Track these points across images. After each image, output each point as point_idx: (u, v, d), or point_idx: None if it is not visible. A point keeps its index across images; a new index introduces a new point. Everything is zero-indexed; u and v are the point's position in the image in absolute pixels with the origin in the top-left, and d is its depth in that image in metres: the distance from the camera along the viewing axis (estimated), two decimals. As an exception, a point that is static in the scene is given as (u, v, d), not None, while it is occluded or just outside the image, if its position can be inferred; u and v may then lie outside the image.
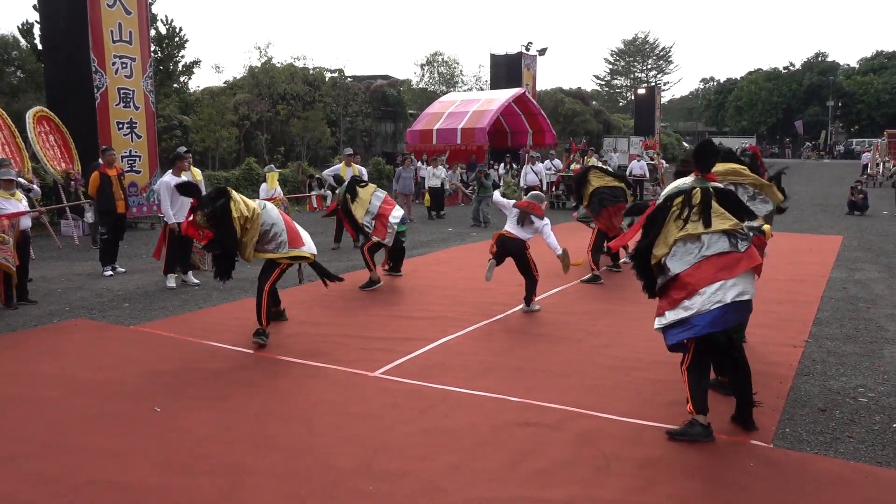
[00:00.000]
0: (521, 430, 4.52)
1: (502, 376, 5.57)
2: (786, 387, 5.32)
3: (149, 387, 5.31)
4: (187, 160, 9.34)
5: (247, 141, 27.53)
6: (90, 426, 4.57)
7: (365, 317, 7.48)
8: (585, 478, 3.88)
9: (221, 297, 8.49)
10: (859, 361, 5.98)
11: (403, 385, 5.38)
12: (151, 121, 15.47)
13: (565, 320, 7.38)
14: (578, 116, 41.76)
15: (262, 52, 34.09)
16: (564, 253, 8.05)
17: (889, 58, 66.17)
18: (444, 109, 24.90)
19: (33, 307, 7.94)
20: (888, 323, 7.26)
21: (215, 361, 5.96)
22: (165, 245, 9.10)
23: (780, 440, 4.40)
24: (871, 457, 4.18)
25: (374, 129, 32.78)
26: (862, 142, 51.58)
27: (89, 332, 6.95)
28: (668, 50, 74.86)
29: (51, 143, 13.46)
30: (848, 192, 19.12)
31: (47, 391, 5.21)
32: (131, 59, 14.80)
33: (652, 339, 6.66)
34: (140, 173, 15.00)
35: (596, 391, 5.25)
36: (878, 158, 31.37)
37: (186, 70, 24.73)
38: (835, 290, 8.90)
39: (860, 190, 19.06)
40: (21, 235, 8.09)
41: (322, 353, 6.21)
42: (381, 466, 4.00)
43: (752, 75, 68.13)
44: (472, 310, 7.80)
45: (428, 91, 41.39)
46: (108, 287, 9.06)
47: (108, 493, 3.68)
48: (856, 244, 13.11)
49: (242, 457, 4.12)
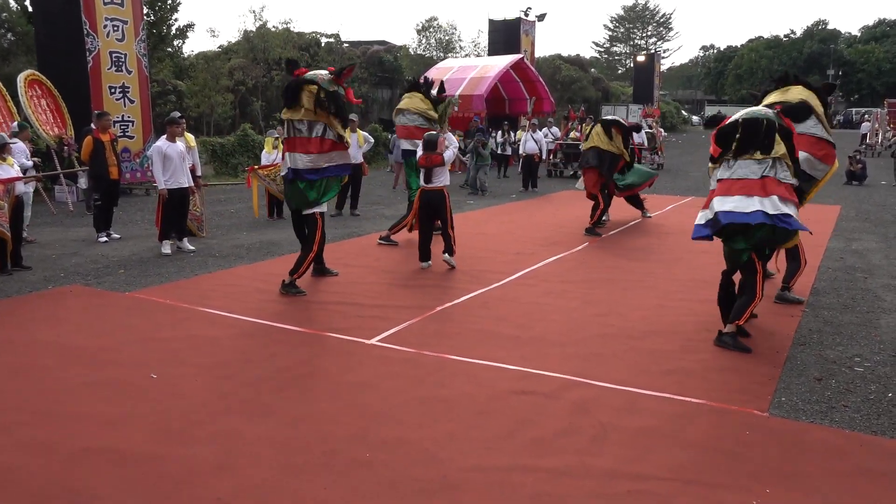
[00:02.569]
0: (517, 399, 4.52)
1: (499, 345, 5.56)
2: (782, 356, 5.33)
3: (144, 354, 5.29)
4: (181, 125, 9.20)
5: (242, 107, 27.23)
6: (85, 393, 4.55)
7: (360, 285, 7.45)
8: (582, 447, 3.89)
9: (217, 264, 8.45)
10: (856, 331, 5.99)
11: (400, 353, 5.37)
12: (145, 85, 15.25)
13: (562, 289, 7.36)
14: (577, 84, 41.38)
15: (257, 15, 33.55)
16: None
17: (891, 26, 65.52)
18: (441, 76, 24.55)
19: (28, 273, 7.90)
20: (885, 293, 7.26)
21: (211, 328, 5.94)
22: (160, 211, 9.02)
23: (776, 409, 4.41)
24: (867, 426, 4.19)
25: (371, 95, 32.41)
26: (861, 111, 51.29)
27: (84, 298, 6.92)
28: (669, 16, 74.26)
29: (43, 107, 13.27)
30: (847, 162, 19.04)
31: (42, 358, 5.19)
32: (123, 21, 14.54)
33: (649, 308, 6.67)
34: (133, 139, 14.84)
35: (593, 360, 5.25)
36: (877, 128, 31.18)
37: (180, 34, 24.34)
38: (832, 260, 8.89)
39: (859, 160, 18.96)
40: (16, 200, 8.01)
41: (317, 321, 6.19)
42: (377, 435, 4.00)
43: (753, 43, 67.53)
44: (468, 278, 7.77)
45: (425, 57, 40.88)
46: (103, 253, 9.01)
47: (103, 460, 3.68)
48: (854, 214, 13.09)
49: (238, 424, 4.11)
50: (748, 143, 5.31)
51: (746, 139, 5.32)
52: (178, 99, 23.34)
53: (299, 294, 7.00)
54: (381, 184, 17.62)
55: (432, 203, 7.98)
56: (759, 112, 5.45)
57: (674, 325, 6.10)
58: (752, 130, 5.31)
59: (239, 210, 13.22)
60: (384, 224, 11.28)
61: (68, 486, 3.43)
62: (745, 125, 5.35)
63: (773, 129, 5.31)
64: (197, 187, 9.85)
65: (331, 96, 6.70)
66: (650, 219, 12.29)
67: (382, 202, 14.69)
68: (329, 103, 6.69)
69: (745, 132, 5.32)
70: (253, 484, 3.47)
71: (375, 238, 10.07)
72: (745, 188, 5.30)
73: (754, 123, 5.32)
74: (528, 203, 14.77)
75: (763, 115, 5.39)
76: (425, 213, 8.07)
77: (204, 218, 10.36)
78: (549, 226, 11.42)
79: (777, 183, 5.28)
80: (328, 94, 6.68)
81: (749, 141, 5.31)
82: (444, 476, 3.55)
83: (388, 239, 9.78)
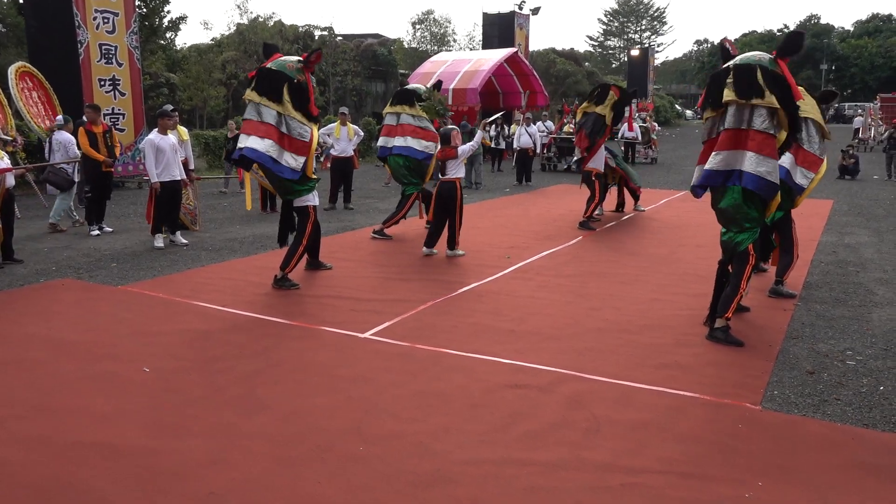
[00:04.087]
0: (512, 393, 4.52)
1: (493, 338, 5.57)
2: (775, 350, 5.35)
3: (137, 348, 5.27)
4: (173, 118, 9.15)
5: (235, 100, 27.11)
6: (78, 387, 4.54)
7: (354, 278, 7.44)
8: (576, 440, 3.90)
9: (210, 258, 8.42)
10: (848, 325, 6.02)
11: (394, 347, 5.37)
12: (137, 78, 15.15)
13: (556, 283, 7.37)
14: (571, 77, 41.36)
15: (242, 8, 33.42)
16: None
17: (884, 21, 65.68)
18: (435, 69, 24.54)
19: (19, 266, 7.85)
20: (877, 287, 7.30)
21: (204, 322, 5.92)
22: (152, 205, 8.98)
23: (769, 402, 4.42)
24: (858, 419, 4.21)
25: (365, 88, 32.34)
26: (854, 106, 51.48)
27: (77, 292, 6.88)
28: (663, 11, 74.48)
29: (34, 99, 13.19)
30: (839, 157, 19.10)
31: (34, 352, 5.17)
32: (114, 13, 14.44)
33: (643, 302, 6.68)
34: (124, 131, 14.75)
35: (587, 353, 5.26)
36: (870, 123, 31.30)
37: (172, 26, 24.23)
38: (825, 254, 8.93)
39: (851, 154, 19.03)
40: (6, 193, 7.96)
41: (311, 315, 6.18)
42: (371, 429, 3.99)
43: (747, 38, 67.63)
44: (462, 272, 7.77)
45: (419, 50, 40.80)
46: (95, 247, 8.96)
47: (97, 454, 3.67)
48: (846, 208, 13.14)
49: (232, 419, 4.10)
50: (739, 89, 5.15)
51: (738, 84, 5.16)
52: (171, 92, 23.24)
53: (293, 288, 6.98)
54: (375, 178, 17.60)
55: (444, 193, 8.32)
56: (751, 58, 5.28)
57: (668, 319, 6.12)
58: (744, 75, 5.15)
59: (232, 203, 13.18)
60: (378, 218, 11.27)
61: (62, 480, 3.41)
62: (736, 70, 5.20)
63: (766, 75, 5.11)
64: (190, 181, 9.81)
65: (294, 89, 6.57)
66: (644, 213, 12.32)
67: (376, 196, 14.67)
68: (293, 97, 6.57)
69: (737, 77, 5.17)
70: (247, 478, 3.46)
71: (369, 232, 10.05)
72: (727, 141, 5.24)
73: (746, 69, 5.17)
74: (522, 197, 14.76)
75: (756, 60, 5.22)
76: (439, 203, 8.42)
77: (198, 212, 10.32)
78: (544, 220, 11.43)
79: (756, 134, 5.18)
80: (292, 87, 6.56)
81: (739, 86, 5.15)
82: (439, 469, 3.55)
83: (382, 233, 9.77)
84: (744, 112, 5.21)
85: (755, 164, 5.17)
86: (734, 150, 5.26)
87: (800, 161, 6.46)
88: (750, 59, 5.26)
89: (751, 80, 5.13)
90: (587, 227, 10.56)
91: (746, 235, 5.43)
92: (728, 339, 5.45)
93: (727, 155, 5.27)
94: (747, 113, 5.21)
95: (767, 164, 5.19)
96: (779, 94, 5.12)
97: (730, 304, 5.46)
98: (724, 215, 5.51)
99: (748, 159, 5.19)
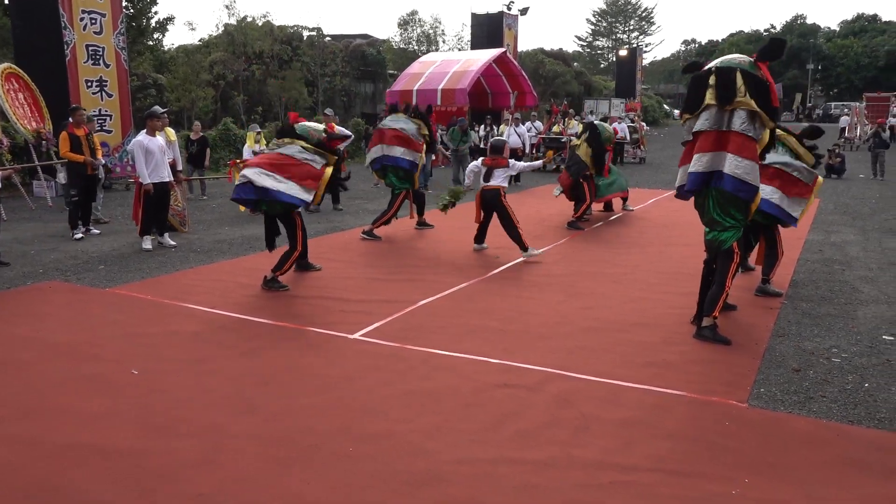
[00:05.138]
0: (501, 392, 4.54)
1: (482, 338, 5.58)
2: (761, 348, 5.39)
3: (126, 349, 5.25)
4: (162, 120, 9.11)
5: (223, 101, 26.99)
6: (67, 389, 4.52)
7: (343, 279, 7.44)
8: (565, 439, 3.92)
9: (198, 260, 8.39)
10: (833, 322, 6.07)
11: (383, 347, 5.37)
12: (124, 79, 15.07)
13: (546, 282, 7.39)
14: (559, 78, 41.47)
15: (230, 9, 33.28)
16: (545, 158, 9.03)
17: (869, 21, 66.23)
18: (424, 70, 24.54)
19: (6, 269, 7.80)
20: (862, 285, 7.37)
21: (193, 324, 5.91)
22: (141, 206, 8.93)
23: (756, 400, 4.46)
24: (844, 415, 4.26)
25: (354, 89, 32.24)
26: (840, 105, 51.88)
27: (64, 294, 6.85)
28: (651, 11, 74.70)
29: (20, 101, 13.08)
30: (826, 156, 19.23)
31: (23, 354, 5.14)
32: (101, 14, 14.36)
33: (631, 301, 6.72)
34: (111, 133, 14.68)
35: (576, 353, 5.28)
36: (856, 122, 31.57)
37: (160, 27, 24.11)
38: (811, 252, 9.00)
39: (838, 153, 19.19)
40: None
41: (300, 316, 6.18)
42: (361, 429, 4.00)
43: (734, 38, 68.00)
44: (451, 272, 7.79)
45: (408, 51, 40.76)
46: (82, 249, 8.91)
47: (86, 455, 3.65)
48: (832, 207, 13.25)
49: (222, 419, 4.10)
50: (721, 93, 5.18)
51: (720, 88, 5.18)
52: (159, 93, 23.09)
53: (282, 289, 6.97)
54: (363, 178, 17.56)
55: (488, 200, 8.67)
56: (732, 60, 5.31)
57: (656, 318, 6.15)
58: (725, 79, 5.18)
59: (220, 205, 13.12)
60: (367, 218, 11.26)
61: (52, 482, 3.40)
62: (718, 73, 5.22)
63: (746, 77, 5.15)
64: (178, 182, 9.78)
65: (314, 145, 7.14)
66: (632, 212, 12.37)
67: (365, 197, 14.66)
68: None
69: (719, 80, 5.19)
70: (236, 478, 3.46)
71: (358, 232, 10.05)
72: (710, 143, 5.28)
73: (727, 72, 5.19)
74: (511, 197, 14.67)
75: (737, 63, 5.25)
76: (484, 207, 8.82)
77: (186, 213, 10.28)
78: (533, 220, 11.44)
79: (736, 136, 5.21)
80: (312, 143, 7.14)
81: (719, 91, 5.18)
82: (430, 469, 3.56)
83: (371, 233, 9.77)
84: (724, 114, 5.27)
85: (734, 167, 5.22)
86: (716, 151, 5.30)
87: (792, 194, 6.61)
88: (731, 61, 5.32)
89: (729, 84, 5.17)
90: (576, 227, 10.60)
91: (730, 234, 5.47)
92: (715, 337, 5.49)
93: (711, 157, 5.32)
94: (727, 115, 5.26)
95: (746, 165, 5.22)
96: (757, 98, 5.17)
97: (716, 303, 5.50)
98: (707, 216, 5.56)
99: (728, 161, 5.24)
